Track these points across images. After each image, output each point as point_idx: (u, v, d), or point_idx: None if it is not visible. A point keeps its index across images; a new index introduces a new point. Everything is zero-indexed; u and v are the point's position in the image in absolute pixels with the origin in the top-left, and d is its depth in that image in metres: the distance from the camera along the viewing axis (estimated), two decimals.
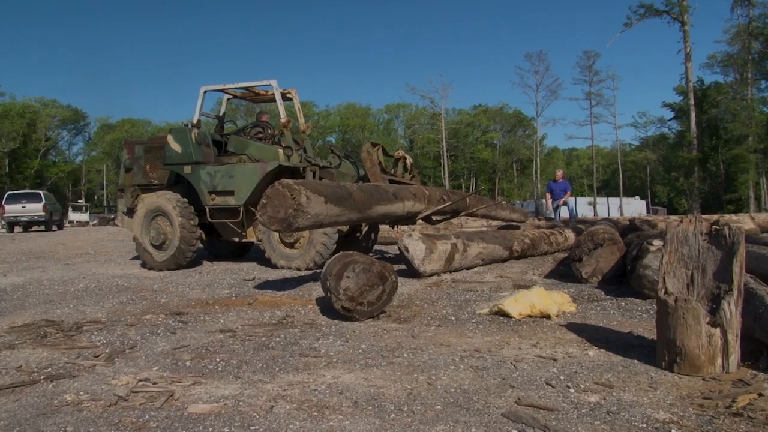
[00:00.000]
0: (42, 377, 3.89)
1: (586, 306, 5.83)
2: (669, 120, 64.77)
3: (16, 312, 6.30)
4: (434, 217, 10.11)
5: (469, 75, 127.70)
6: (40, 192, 33.70)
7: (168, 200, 10.05)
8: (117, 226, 28.83)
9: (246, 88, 11.51)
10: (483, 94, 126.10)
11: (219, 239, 11.11)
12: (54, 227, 32.19)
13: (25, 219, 30.76)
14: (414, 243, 7.63)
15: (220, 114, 12.38)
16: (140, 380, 3.73)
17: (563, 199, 19.36)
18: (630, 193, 71.21)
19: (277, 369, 3.91)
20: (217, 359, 4.18)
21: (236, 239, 10.75)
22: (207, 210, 10.12)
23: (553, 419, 2.92)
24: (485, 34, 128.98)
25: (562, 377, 3.58)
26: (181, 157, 10.43)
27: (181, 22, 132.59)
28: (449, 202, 9.49)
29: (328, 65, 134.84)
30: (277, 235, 9.53)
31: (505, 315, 5.30)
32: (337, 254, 5.82)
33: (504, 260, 9.28)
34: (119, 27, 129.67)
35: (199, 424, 2.99)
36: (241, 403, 3.27)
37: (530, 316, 5.27)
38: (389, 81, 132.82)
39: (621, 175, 67.05)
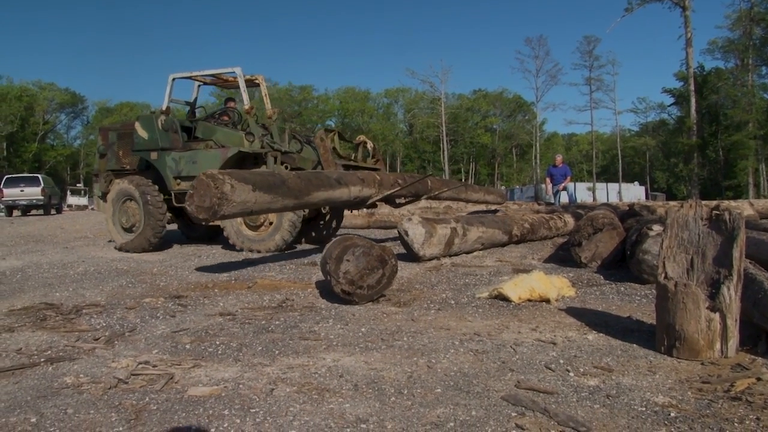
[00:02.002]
0: (42, 360, 3.90)
1: (586, 290, 5.85)
2: (669, 106, 64.77)
3: (16, 295, 6.31)
4: (397, 200, 10.42)
5: (469, 59, 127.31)
6: (39, 176, 33.59)
7: (136, 185, 10.33)
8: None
9: (213, 75, 11.62)
10: (483, 78, 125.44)
11: (191, 223, 11.36)
12: (53, 211, 32.11)
13: (24, 203, 30.68)
14: (414, 227, 7.63)
15: (191, 100, 12.36)
16: (140, 363, 3.74)
17: (563, 184, 19.33)
18: (629, 178, 71.18)
19: (276, 352, 3.92)
20: (217, 342, 4.19)
21: (203, 223, 10.72)
22: (173, 195, 10.33)
23: (552, 402, 2.94)
24: (485, 19, 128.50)
25: (561, 361, 3.60)
26: (148, 144, 10.72)
27: (180, 4, 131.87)
28: (398, 187, 9.51)
29: (328, 49, 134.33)
30: (242, 221, 9.78)
31: (505, 299, 5.31)
32: (336, 237, 5.82)
33: (503, 245, 9.29)
34: (123, 7, 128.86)
35: (200, 406, 3.00)
36: (241, 385, 3.28)
37: (530, 300, 5.28)
38: (389, 65, 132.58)
39: (620, 161, 67.03)
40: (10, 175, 34.09)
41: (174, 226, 12.39)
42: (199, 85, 12.31)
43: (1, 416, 2.97)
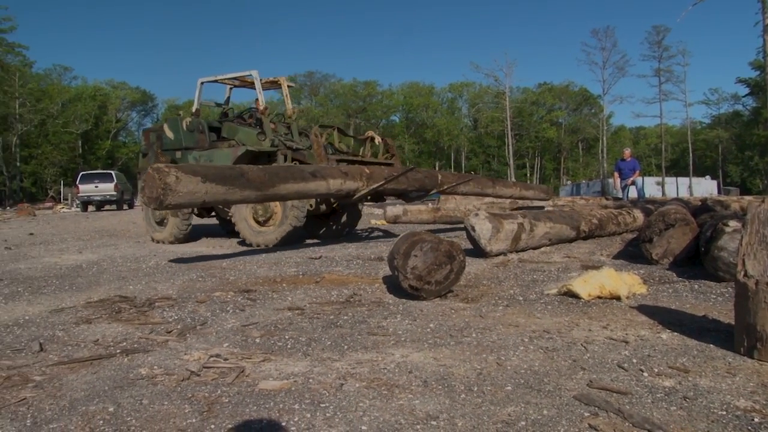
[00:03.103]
0: (118, 351, 4.01)
1: (657, 288, 5.69)
2: (743, 96, 62.57)
3: (92, 288, 6.50)
4: (410, 195, 10.91)
5: (534, 52, 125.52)
6: (112, 172, 34.69)
7: None
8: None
9: (236, 78, 12.41)
10: (548, 71, 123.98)
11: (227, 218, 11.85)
12: (125, 206, 33.11)
13: (98, 198, 31.73)
14: (480, 222, 7.57)
15: (223, 101, 13.07)
16: (211, 356, 3.81)
17: (632, 179, 18.91)
18: (700, 172, 69.02)
19: (345, 347, 3.94)
20: (286, 336, 4.24)
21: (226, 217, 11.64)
22: None
23: (626, 403, 2.87)
24: (550, 11, 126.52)
25: (634, 360, 3.51)
26: (173, 144, 11.81)
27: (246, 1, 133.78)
28: (382, 181, 9.53)
29: (392, 45, 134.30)
30: (250, 215, 10.33)
31: (574, 296, 5.22)
32: (405, 233, 5.81)
33: (571, 240, 9.14)
34: (194, 4, 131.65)
35: (270, 400, 3.04)
36: (310, 380, 3.31)
37: (599, 298, 5.17)
38: (453, 60, 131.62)
39: (691, 154, 65.13)
40: (85, 172, 35.27)
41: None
42: (230, 87, 13.05)
43: (81, 405, 3.06)
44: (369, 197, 10.54)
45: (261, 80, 11.88)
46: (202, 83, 12.48)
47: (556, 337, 4.05)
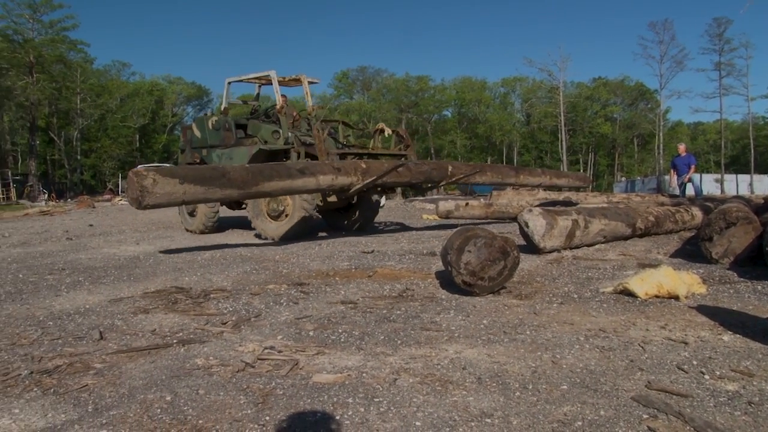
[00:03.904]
0: (174, 341, 4.09)
1: (718, 288, 5.54)
2: None
3: (149, 278, 6.64)
4: (424, 186, 11.26)
5: (589, 47, 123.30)
6: (168, 165, 35.33)
7: None
8: None
9: (257, 77, 12.86)
10: (603, 66, 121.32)
11: None
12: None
13: None
14: (534, 218, 7.49)
15: (253, 99, 13.57)
16: (266, 348, 3.85)
17: (688, 175, 18.44)
18: (762, 169, 66.98)
19: (399, 342, 3.94)
20: (340, 330, 4.25)
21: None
22: None
23: (687, 406, 2.80)
24: (606, 4, 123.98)
25: (694, 362, 3.42)
26: (200, 142, 12.58)
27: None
28: (374, 177, 9.65)
29: (445, 39, 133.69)
30: (264, 210, 10.71)
31: (631, 294, 5.12)
32: (458, 228, 5.78)
33: (626, 238, 8.97)
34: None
35: (324, 393, 3.05)
36: (364, 374, 3.32)
37: (657, 297, 5.06)
38: (506, 54, 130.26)
39: (752, 151, 63.21)
40: (143, 165, 35.99)
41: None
42: (259, 85, 13.57)
43: (139, 393, 3.13)
44: (384, 191, 11.35)
45: (283, 78, 12.47)
46: (229, 83, 13.14)
47: (612, 337, 3.98)
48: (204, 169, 8.35)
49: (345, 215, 12.39)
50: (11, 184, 46.90)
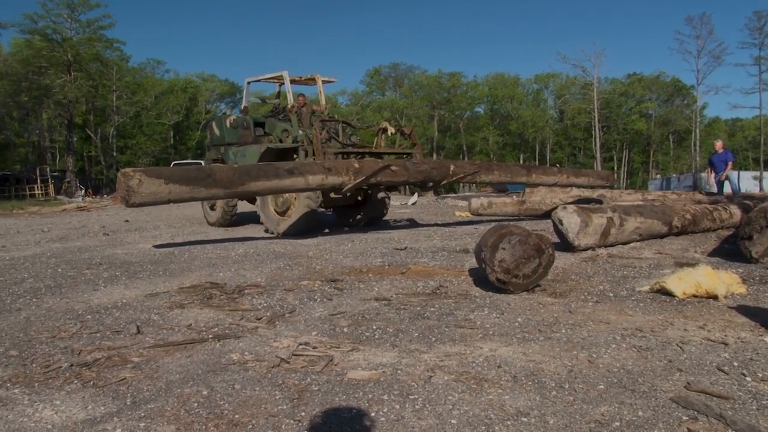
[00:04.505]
0: (210, 336, 4.13)
1: (758, 288, 5.43)
2: None
3: (184, 274, 6.70)
4: (429, 185, 11.33)
5: (624, 42, 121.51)
6: (202, 162, 35.64)
7: None
8: None
9: (273, 77, 13.33)
10: (638, 61, 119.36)
11: None
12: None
13: None
14: (569, 216, 7.42)
15: (274, 98, 13.86)
16: (300, 344, 3.87)
17: (725, 172, 18.11)
18: None
19: (433, 339, 3.93)
20: (374, 327, 4.26)
21: None
22: None
23: (728, 408, 2.75)
24: None
25: (735, 363, 3.36)
26: (219, 140, 13.13)
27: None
28: (362, 177, 9.71)
29: (477, 36, 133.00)
30: (271, 206, 11.01)
31: (668, 293, 5.05)
32: (492, 225, 5.75)
33: (662, 236, 8.84)
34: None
35: (359, 390, 3.06)
36: (399, 371, 3.32)
37: (695, 296, 4.98)
38: (539, 50, 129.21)
39: None
40: (177, 162, 36.39)
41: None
42: (280, 84, 13.80)
43: (176, 387, 3.17)
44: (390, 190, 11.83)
45: (300, 77, 13.14)
46: (248, 83, 13.88)
47: (649, 336, 3.93)
48: (189, 169, 8.77)
49: (354, 212, 12.57)
50: (50, 180, 47.73)
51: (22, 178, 47.95)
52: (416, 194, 24.51)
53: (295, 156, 11.28)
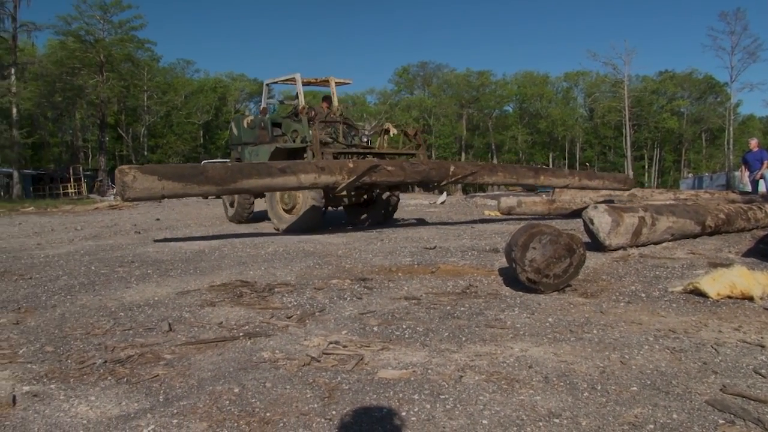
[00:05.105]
0: (241, 334, 4.15)
1: None
2: None
3: (215, 272, 6.75)
4: (431, 186, 11.92)
5: (656, 39, 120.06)
6: (228, 161, 35.92)
7: None
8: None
9: (287, 79, 13.67)
10: (670, 59, 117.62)
11: None
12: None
13: None
14: (600, 215, 7.34)
15: (295, 99, 14.26)
16: (331, 343, 3.88)
17: (761, 171, 17.79)
18: None
19: (463, 339, 3.91)
20: (404, 326, 4.25)
21: None
22: None
23: (767, 413, 2.70)
24: None
25: None
26: (236, 139, 13.67)
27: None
28: (353, 177, 9.93)
29: (506, 33, 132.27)
30: (279, 204, 11.43)
31: (701, 294, 4.97)
32: (523, 225, 5.71)
33: (695, 236, 8.72)
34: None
35: (390, 389, 3.06)
36: (429, 371, 3.31)
37: (730, 297, 4.90)
38: (569, 48, 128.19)
39: None
40: (206, 161, 36.68)
41: None
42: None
43: (208, 384, 3.19)
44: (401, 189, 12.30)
45: (315, 79, 13.67)
46: (266, 84, 14.83)
47: (683, 338, 3.87)
48: (182, 167, 9.34)
49: (365, 211, 12.82)
50: (82, 179, 48.49)
51: (56, 177, 48.83)
52: (445, 193, 24.46)
53: (304, 156, 11.59)
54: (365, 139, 12.68)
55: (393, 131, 12.49)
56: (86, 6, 51.14)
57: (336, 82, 13.58)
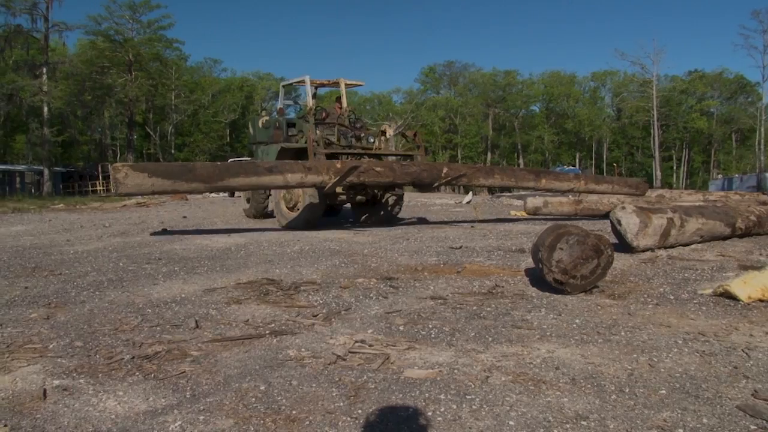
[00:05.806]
0: (266, 332, 4.17)
1: None
2: None
3: (241, 270, 6.78)
4: (434, 185, 11.75)
5: (685, 38, 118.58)
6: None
7: None
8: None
9: (299, 81, 14.16)
10: (700, 58, 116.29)
11: None
12: (268, 192, 34.35)
13: None
14: (627, 216, 7.27)
15: (309, 100, 14.42)
16: (356, 341, 3.88)
17: None
18: None
19: (490, 339, 3.90)
20: (430, 325, 4.24)
21: None
22: None
23: None
24: None
25: None
26: (252, 138, 14.45)
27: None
28: (338, 177, 10.22)
29: (533, 33, 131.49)
30: (282, 201, 11.81)
31: (732, 297, 4.90)
32: (549, 225, 5.67)
33: (725, 238, 8.60)
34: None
35: (416, 389, 3.05)
36: (455, 371, 3.30)
37: (761, 301, 4.83)
38: (597, 47, 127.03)
39: None
40: (233, 159, 36.87)
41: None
42: (315, 86, 14.53)
43: (234, 381, 3.21)
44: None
45: (328, 81, 14.20)
46: (282, 86, 15.84)
47: (713, 341, 3.82)
48: (171, 165, 9.99)
49: (370, 210, 13.05)
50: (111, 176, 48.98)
51: (85, 175, 49.47)
52: (470, 193, 24.40)
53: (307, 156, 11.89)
54: (372, 140, 12.83)
55: (389, 132, 12.80)
56: (116, 6, 51.89)
57: (347, 84, 13.96)
